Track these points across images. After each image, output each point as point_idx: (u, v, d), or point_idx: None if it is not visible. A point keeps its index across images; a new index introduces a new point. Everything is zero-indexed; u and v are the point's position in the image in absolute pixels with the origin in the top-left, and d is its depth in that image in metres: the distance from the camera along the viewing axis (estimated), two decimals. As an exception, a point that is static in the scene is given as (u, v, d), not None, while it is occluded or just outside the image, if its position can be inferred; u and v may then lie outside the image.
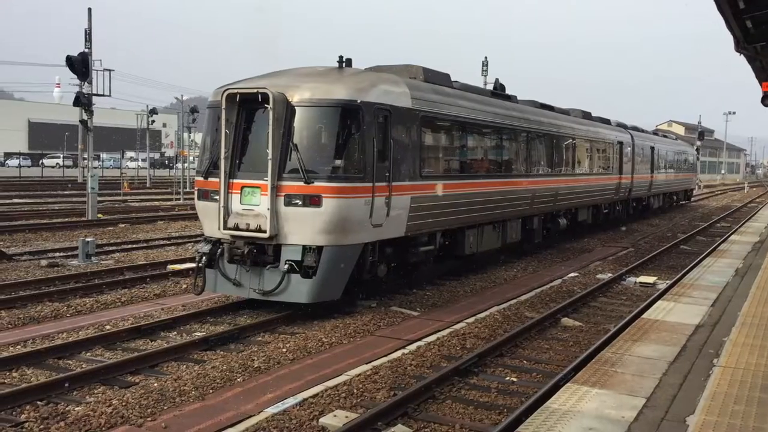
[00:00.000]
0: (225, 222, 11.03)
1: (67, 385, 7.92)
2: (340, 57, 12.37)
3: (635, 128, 31.40)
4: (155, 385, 8.06)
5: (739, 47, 15.78)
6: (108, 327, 10.55)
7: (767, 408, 6.15)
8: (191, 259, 15.49)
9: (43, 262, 15.93)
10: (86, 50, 25.56)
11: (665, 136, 41.28)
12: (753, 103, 22.79)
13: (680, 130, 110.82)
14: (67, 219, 25.51)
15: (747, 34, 15.02)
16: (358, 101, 11.13)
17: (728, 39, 15.68)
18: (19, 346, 9.51)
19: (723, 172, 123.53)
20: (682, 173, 40.59)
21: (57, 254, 17.37)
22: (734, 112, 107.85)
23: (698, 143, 66.42)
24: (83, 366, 8.78)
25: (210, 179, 11.43)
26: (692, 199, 47.69)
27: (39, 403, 7.51)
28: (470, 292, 13.90)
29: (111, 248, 18.62)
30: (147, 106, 59.08)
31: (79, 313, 11.46)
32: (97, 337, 9.84)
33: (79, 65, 24.78)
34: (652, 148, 31.99)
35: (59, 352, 9.23)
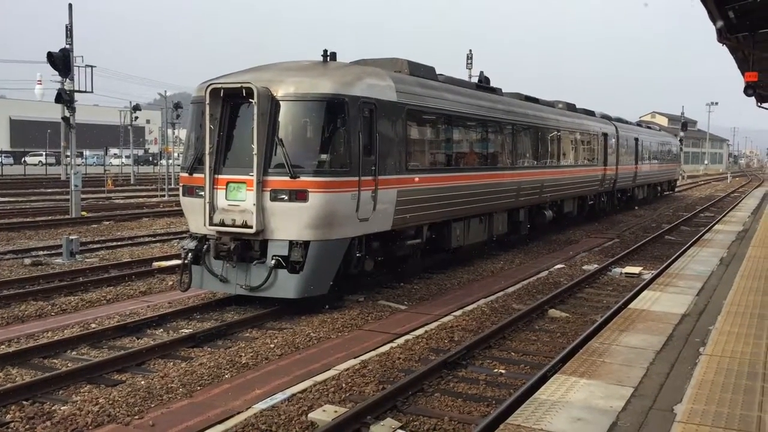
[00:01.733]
0: (211, 218, 10.96)
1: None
2: (325, 51, 12.31)
3: (619, 120, 31.54)
4: (142, 383, 8.01)
5: (722, 38, 15.89)
6: (94, 325, 10.47)
7: (754, 395, 6.20)
8: (177, 256, 15.42)
9: (27, 261, 15.78)
10: (67, 46, 25.25)
11: (649, 128, 41.52)
12: (735, 94, 22.96)
13: (663, 122, 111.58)
14: (50, 217, 25.29)
15: (730, 24, 15.12)
16: (344, 95, 11.09)
17: (711, 30, 15.79)
18: (3, 346, 9.42)
19: (706, 162, 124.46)
20: (666, 164, 40.86)
21: (41, 252, 17.22)
22: (717, 103, 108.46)
23: (681, 134, 66.90)
24: (69, 365, 8.70)
25: (195, 175, 11.35)
26: (676, 189, 48.05)
27: (24, 402, 7.44)
28: (458, 285, 13.92)
29: (95, 246, 18.47)
30: (130, 102, 58.68)
31: (64, 312, 11.37)
32: (83, 336, 9.76)
33: (60, 62, 24.49)
34: (636, 140, 32.16)
35: (44, 351, 9.15)
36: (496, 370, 8.67)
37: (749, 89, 19.15)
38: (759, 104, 27.57)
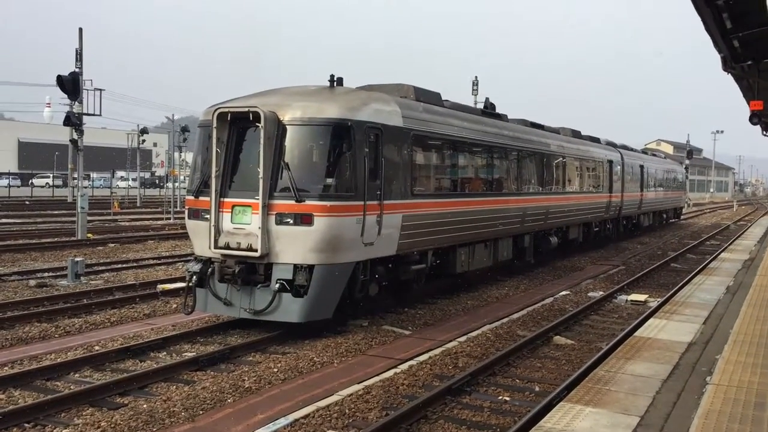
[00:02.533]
0: (216, 241, 10.97)
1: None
2: (332, 76, 12.39)
3: (624, 147, 31.58)
4: (144, 406, 7.97)
5: (727, 67, 15.95)
6: (97, 348, 10.44)
7: (761, 426, 6.13)
8: (181, 279, 15.38)
9: (32, 282, 15.79)
10: (77, 70, 25.50)
11: (654, 155, 41.55)
12: (741, 122, 22.99)
13: (669, 149, 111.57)
14: (56, 239, 25.35)
15: (734, 53, 15.19)
16: (350, 120, 11.15)
17: (716, 59, 15.86)
18: (6, 368, 9.39)
19: (712, 190, 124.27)
20: (672, 191, 40.82)
21: (46, 274, 17.23)
22: (722, 131, 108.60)
23: (687, 162, 66.92)
24: (71, 387, 8.67)
25: (201, 198, 11.39)
26: (682, 217, 47.92)
27: (26, 425, 7.41)
28: (462, 311, 13.86)
29: (100, 268, 18.49)
30: (138, 125, 59.06)
31: (67, 334, 11.35)
32: (86, 358, 9.73)
33: (70, 85, 24.72)
34: (642, 167, 32.17)
35: (47, 373, 9.12)
36: (500, 398, 8.60)
37: (754, 118, 19.17)
38: (764, 133, 27.59)
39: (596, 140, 27.26)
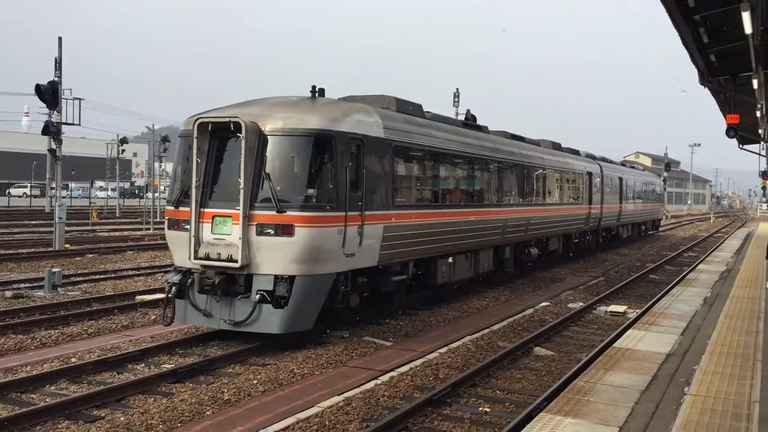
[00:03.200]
0: (196, 252, 10.90)
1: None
2: (313, 87, 12.41)
3: (604, 159, 31.88)
4: (122, 419, 7.87)
5: (704, 80, 16.21)
6: (74, 360, 10.31)
7: (738, 436, 6.17)
8: (161, 290, 15.25)
9: (8, 293, 15.57)
10: (56, 79, 25.30)
11: (633, 167, 41.98)
12: (717, 135, 23.32)
13: (647, 162, 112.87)
14: (33, 249, 25.06)
15: (711, 67, 15.45)
16: (331, 131, 11.15)
17: (694, 72, 16.12)
18: (-20, 380, 9.23)
19: (689, 202, 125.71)
20: (650, 203, 41.23)
21: (22, 285, 17.00)
22: (699, 144, 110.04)
23: (665, 174, 67.77)
24: (47, 400, 8.55)
25: (181, 208, 11.32)
26: (660, 229, 48.40)
27: (0, 438, 7.29)
28: (443, 322, 13.86)
29: (78, 279, 18.28)
30: (117, 135, 58.64)
31: (43, 346, 11.20)
32: (62, 370, 9.60)
33: (49, 94, 24.50)
34: (621, 179, 32.48)
35: (22, 385, 8.98)
36: (480, 409, 8.60)
37: (731, 131, 19.45)
38: (741, 146, 28.02)
39: (576, 152, 27.50)
